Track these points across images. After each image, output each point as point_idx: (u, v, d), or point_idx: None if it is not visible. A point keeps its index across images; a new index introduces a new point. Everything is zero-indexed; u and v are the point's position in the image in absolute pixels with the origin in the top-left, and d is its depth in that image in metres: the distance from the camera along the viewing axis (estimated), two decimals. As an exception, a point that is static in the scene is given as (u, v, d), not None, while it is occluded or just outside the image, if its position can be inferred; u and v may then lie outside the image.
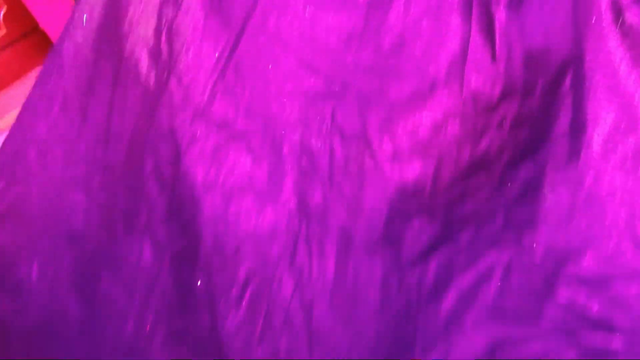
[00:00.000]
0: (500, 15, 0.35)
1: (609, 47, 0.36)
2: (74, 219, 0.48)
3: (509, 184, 0.42)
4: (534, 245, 0.42)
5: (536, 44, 0.36)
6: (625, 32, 0.35)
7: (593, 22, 0.35)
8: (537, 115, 0.39)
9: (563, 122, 0.40)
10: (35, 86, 0.46)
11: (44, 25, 2.27)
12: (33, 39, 2.48)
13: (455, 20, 0.36)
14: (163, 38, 0.45)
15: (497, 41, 0.35)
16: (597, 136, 0.38)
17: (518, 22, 0.36)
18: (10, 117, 2.08)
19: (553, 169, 0.40)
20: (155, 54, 0.46)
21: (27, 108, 0.48)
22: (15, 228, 0.50)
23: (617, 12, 0.34)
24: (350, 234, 0.43)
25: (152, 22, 0.45)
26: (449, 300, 0.43)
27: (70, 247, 0.48)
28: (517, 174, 0.41)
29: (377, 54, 0.40)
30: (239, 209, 0.44)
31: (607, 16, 0.35)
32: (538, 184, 0.40)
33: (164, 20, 0.46)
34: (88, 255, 0.48)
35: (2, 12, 2.30)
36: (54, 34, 2.31)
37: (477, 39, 0.36)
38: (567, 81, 0.38)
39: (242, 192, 0.44)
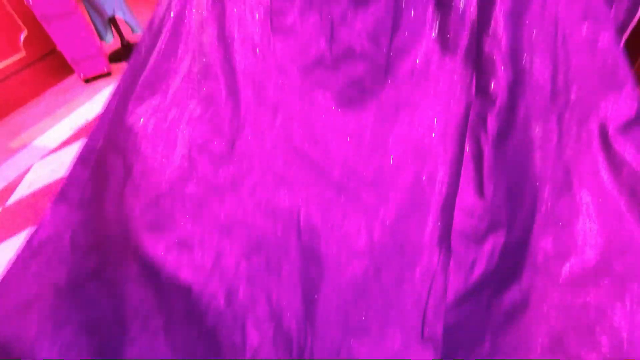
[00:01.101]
0: (489, 153, 0.36)
1: (597, 177, 0.36)
2: (91, 310, 0.47)
3: (495, 310, 0.41)
4: None
5: (519, 179, 0.36)
6: (612, 161, 0.35)
7: (581, 149, 0.35)
8: (521, 242, 0.39)
9: (547, 247, 0.40)
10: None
11: (61, 47, 2.36)
12: (50, 61, 2.58)
13: (451, 149, 0.36)
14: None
15: (485, 180, 0.36)
16: (581, 262, 0.38)
17: (503, 159, 0.37)
18: (25, 136, 2.13)
19: (538, 293, 0.40)
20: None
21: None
22: (40, 316, 0.49)
23: (605, 142, 0.34)
24: None
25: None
26: None
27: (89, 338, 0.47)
28: (502, 300, 0.41)
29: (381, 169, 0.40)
30: None
31: (595, 145, 0.35)
32: (523, 309, 0.40)
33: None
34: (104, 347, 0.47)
35: (23, 36, 2.41)
36: (70, 56, 2.40)
37: (467, 176, 0.37)
38: (550, 208, 0.38)
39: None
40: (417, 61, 0.37)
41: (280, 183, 0.38)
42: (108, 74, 2.58)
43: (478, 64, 0.35)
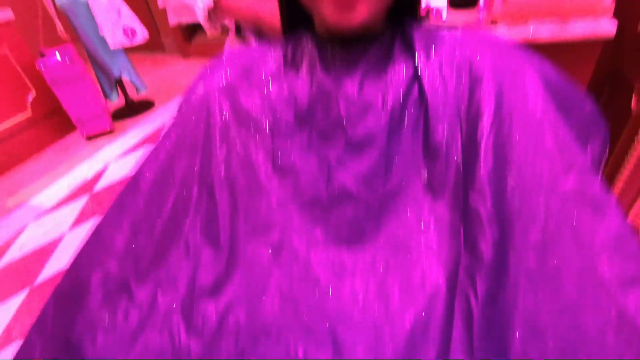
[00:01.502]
0: (478, 315, 0.37)
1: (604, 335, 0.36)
2: None
3: None
4: None
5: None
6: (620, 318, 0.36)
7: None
8: None
9: None
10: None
11: (67, 108, 2.43)
12: (54, 119, 2.65)
13: (441, 305, 0.38)
14: None
15: (475, 342, 0.37)
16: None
17: (493, 321, 0.37)
18: (22, 195, 2.13)
19: None
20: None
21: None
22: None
23: (609, 295, 0.35)
24: None
25: None
26: None
27: None
28: None
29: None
30: None
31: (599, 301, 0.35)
32: None
33: None
34: None
35: (31, 97, 2.49)
36: (75, 116, 2.47)
37: (457, 335, 0.37)
38: None
39: None
40: (409, 207, 0.40)
41: (267, 333, 0.39)
42: (110, 132, 2.65)
43: (465, 217, 0.37)
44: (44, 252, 1.69)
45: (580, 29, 0.84)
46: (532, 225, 0.35)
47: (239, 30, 0.83)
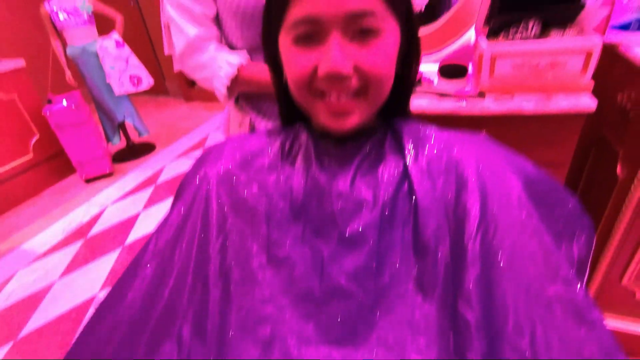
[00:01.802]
0: None
1: None
2: None
3: None
4: None
5: None
6: None
7: None
8: None
9: None
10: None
11: (69, 151, 2.47)
12: (54, 162, 2.68)
13: None
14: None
15: None
16: None
17: None
18: (15, 239, 2.11)
19: None
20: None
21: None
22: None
23: None
24: None
25: None
26: None
27: None
28: None
29: None
30: None
31: None
32: None
33: None
34: None
35: (34, 140, 2.54)
36: (75, 159, 2.50)
37: None
38: None
39: None
40: (400, 306, 0.40)
41: None
42: (110, 174, 2.67)
43: (454, 322, 0.38)
44: (30, 302, 1.64)
45: (563, 103, 0.89)
46: (520, 337, 0.36)
47: (237, 99, 0.88)
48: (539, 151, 0.99)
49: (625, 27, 0.95)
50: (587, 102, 0.88)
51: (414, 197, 0.43)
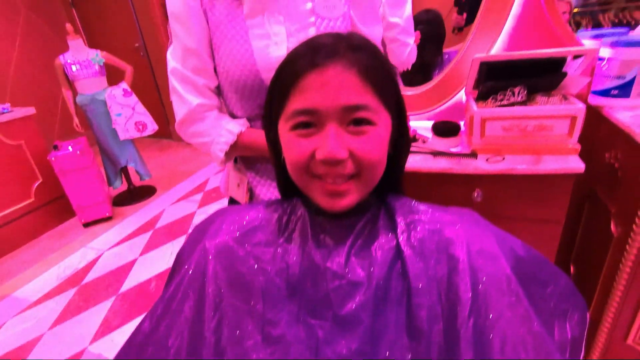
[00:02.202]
0: None
1: None
2: None
3: None
4: None
5: None
6: None
7: None
8: None
9: None
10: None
11: (70, 196, 2.49)
12: (55, 206, 2.70)
13: None
14: None
15: None
16: None
17: None
18: (9, 285, 2.07)
19: None
20: None
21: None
22: None
23: None
24: None
25: None
26: None
27: None
28: None
29: None
30: None
31: None
32: None
33: None
34: None
35: (36, 185, 2.57)
36: (76, 203, 2.52)
37: None
38: None
39: None
40: None
41: None
42: (109, 218, 2.68)
43: None
44: (18, 355, 1.58)
45: (553, 165, 0.92)
46: None
47: (235, 160, 0.91)
48: (534, 209, 1.00)
49: (605, 92, 1.01)
50: (576, 164, 0.91)
51: (406, 275, 0.44)
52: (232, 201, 0.92)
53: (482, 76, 1.06)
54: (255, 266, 0.48)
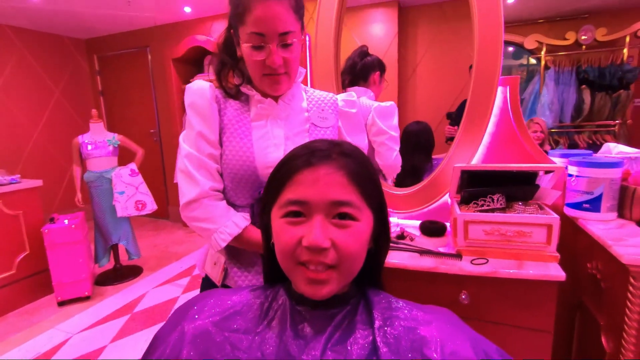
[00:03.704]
0: None
1: None
2: None
3: None
4: None
5: None
6: None
7: None
8: None
9: None
10: None
11: (53, 270, 2.43)
12: (34, 280, 2.60)
13: None
14: None
15: None
16: None
17: None
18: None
19: None
20: None
21: None
22: None
23: None
24: None
25: None
26: None
27: None
28: None
29: None
30: None
31: None
32: None
33: None
34: None
35: (21, 257, 2.53)
36: (57, 279, 2.43)
37: None
38: None
39: None
40: None
41: None
42: (87, 298, 2.55)
43: None
44: None
45: (534, 270, 0.94)
46: None
47: None
48: (521, 315, 0.99)
49: (577, 205, 1.09)
50: (556, 272, 0.94)
51: None
52: (206, 278, 0.93)
53: (464, 182, 1.15)
54: (231, 354, 0.48)
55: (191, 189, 0.84)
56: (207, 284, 0.94)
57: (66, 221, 2.47)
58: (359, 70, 1.72)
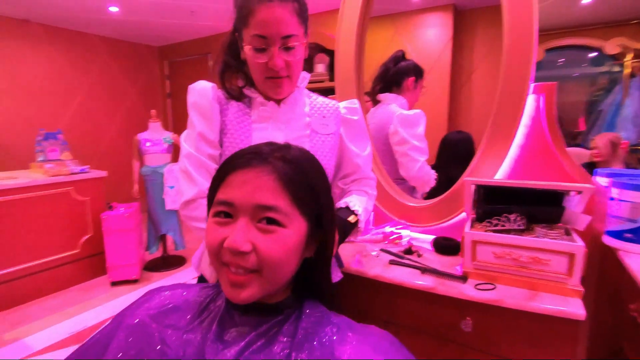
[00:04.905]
0: None
1: None
2: None
3: None
4: None
5: None
6: None
7: None
8: None
9: None
10: None
11: (108, 253, 2.69)
12: (93, 261, 2.91)
13: None
14: None
15: None
16: None
17: None
18: (22, 330, 2.17)
19: None
20: None
21: None
22: None
23: None
24: None
25: None
26: None
27: None
28: None
29: None
30: None
31: None
32: None
33: None
34: None
35: (85, 238, 2.84)
36: (110, 261, 2.69)
37: None
38: None
39: None
40: None
41: None
42: (135, 281, 2.79)
43: None
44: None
45: (548, 304, 0.82)
46: None
47: None
48: (531, 353, 0.87)
49: (618, 234, 0.93)
50: (576, 309, 0.81)
51: None
52: (201, 278, 0.95)
53: (483, 197, 1.05)
54: (158, 347, 0.49)
55: (189, 188, 0.86)
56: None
57: (122, 209, 2.73)
58: (392, 76, 1.67)
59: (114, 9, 3.29)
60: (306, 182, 0.51)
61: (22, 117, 3.60)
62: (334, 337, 0.47)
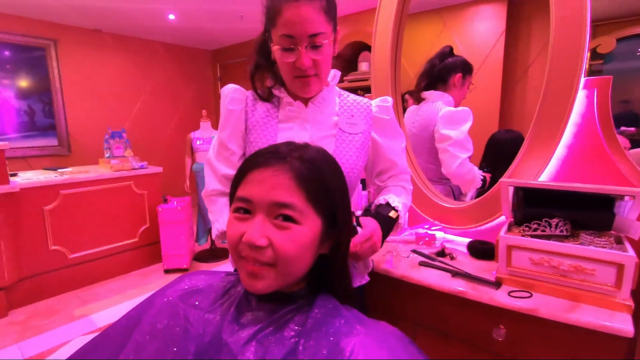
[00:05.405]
0: None
1: None
2: None
3: None
4: None
5: None
6: None
7: None
8: None
9: None
10: None
11: (163, 242, 2.90)
12: (149, 249, 3.16)
13: None
14: None
15: None
16: None
17: None
18: (90, 307, 2.43)
19: None
20: None
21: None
22: None
23: None
24: None
25: None
26: None
27: None
28: None
29: None
30: None
31: None
32: None
33: None
34: None
35: (143, 228, 3.09)
36: (165, 250, 2.90)
37: None
38: None
39: None
40: None
41: None
42: (185, 270, 3.00)
43: None
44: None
45: (589, 317, 0.75)
46: None
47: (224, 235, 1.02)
48: (573, 370, 0.81)
49: (681, 245, 0.83)
50: (622, 325, 0.73)
51: None
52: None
53: (524, 200, 0.99)
54: (183, 324, 0.54)
55: (206, 185, 0.97)
56: None
57: (175, 203, 2.94)
58: (437, 72, 1.61)
59: (171, 16, 3.54)
60: (321, 181, 0.52)
61: (94, 118, 4.01)
62: (342, 329, 0.48)
